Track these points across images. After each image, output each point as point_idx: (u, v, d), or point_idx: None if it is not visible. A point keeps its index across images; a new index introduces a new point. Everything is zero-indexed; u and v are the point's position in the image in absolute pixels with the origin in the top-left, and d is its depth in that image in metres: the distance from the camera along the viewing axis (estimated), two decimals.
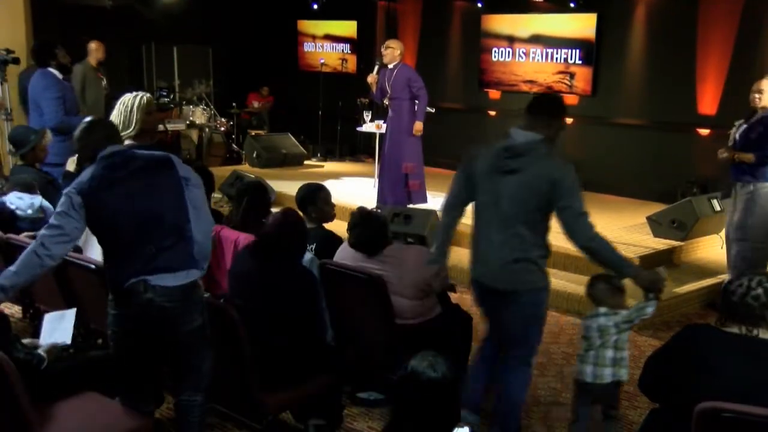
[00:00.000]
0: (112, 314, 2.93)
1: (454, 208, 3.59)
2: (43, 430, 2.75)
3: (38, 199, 4.75)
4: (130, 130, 3.86)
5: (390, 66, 7.33)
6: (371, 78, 7.45)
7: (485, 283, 3.40)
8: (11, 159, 6.06)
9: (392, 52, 7.31)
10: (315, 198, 4.21)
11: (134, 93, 3.96)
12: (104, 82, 8.07)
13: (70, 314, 3.48)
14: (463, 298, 5.57)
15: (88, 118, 3.13)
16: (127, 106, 3.89)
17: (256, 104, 11.90)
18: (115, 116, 3.88)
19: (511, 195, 3.29)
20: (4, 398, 2.56)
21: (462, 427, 2.22)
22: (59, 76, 6.12)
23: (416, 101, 7.30)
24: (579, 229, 3.24)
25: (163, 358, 3.07)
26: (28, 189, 4.77)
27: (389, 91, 7.31)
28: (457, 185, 3.56)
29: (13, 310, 4.88)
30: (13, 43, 7.55)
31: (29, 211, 4.69)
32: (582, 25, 8.89)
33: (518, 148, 3.31)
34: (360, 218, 3.89)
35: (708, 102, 8.09)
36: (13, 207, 4.69)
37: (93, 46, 8.02)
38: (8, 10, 8.58)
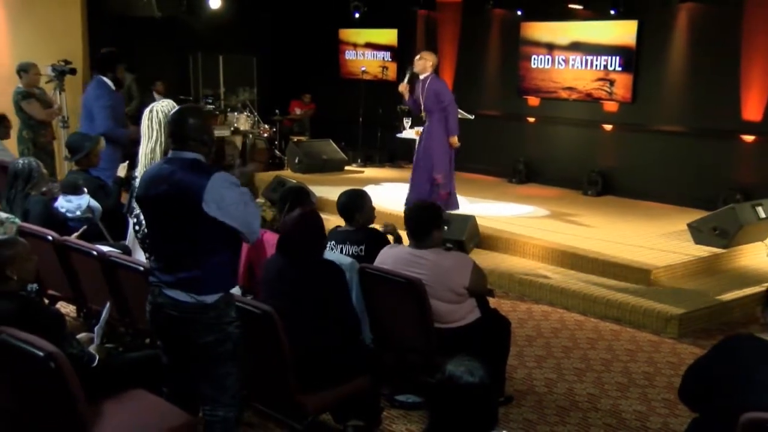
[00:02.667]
0: (147, 309, 3.04)
1: None
2: (95, 426, 2.87)
3: (85, 199, 4.97)
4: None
5: (421, 77, 7.37)
6: (402, 87, 7.48)
7: None
8: (66, 164, 6.33)
9: (424, 63, 7.33)
10: (362, 205, 4.36)
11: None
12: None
13: (103, 311, 3.57)
14: (501, 303, 5.62)
15: None
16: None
17: (298, 111, 12.11)
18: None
19: None
20: (60, 394, 2.68)
21: (500, 430, 2.25)
22: (112, 87, 6.37)
23: (445, 114, 7.31)
24: None
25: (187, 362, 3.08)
26: (74, 190, 4.98)
27: (422, 103, 7.35)
28: None
29: (68, 309, 5.09)
30: (69, 54, 7.88)
31: (78, 212, 4.91)
32: (622, 31, 8.84)
33: None
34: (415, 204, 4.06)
35: (753, 108, 7.97)
36: (63, 210, 4.91)
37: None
38: (65, 22, 8.92)
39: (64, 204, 4.95)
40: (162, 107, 3.99)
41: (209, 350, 2.92)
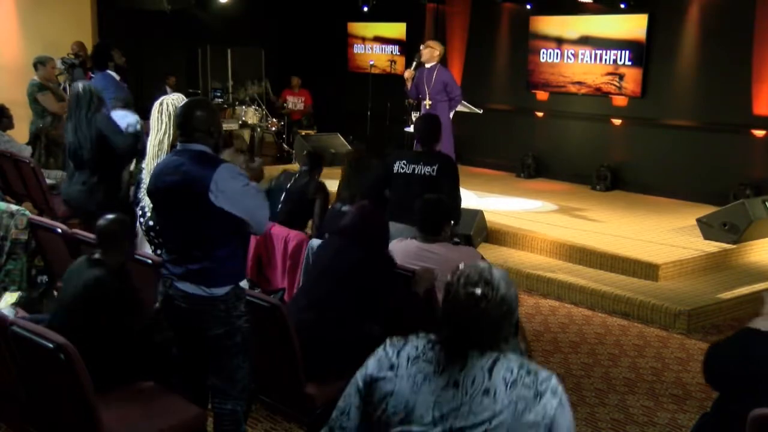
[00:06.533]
0: (158, 299, 3.08)
1: None
2: (104, 417, 2.89)
3: (136, 117, 5.45)
4: None
5: (427, 66, 7.33)
6: (408, 73, 7.43)
7: None
8: None
9: (431, 51, 7.30)
10: (439, 133, 4.83)
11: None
12: None
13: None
14: None
15: None
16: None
17: (291, 99, 11.70)
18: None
19: None
20: (70, 385, 2.70)
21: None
22: (117, 78, 6.39)
23: (452, 105, 7.31)
24: None
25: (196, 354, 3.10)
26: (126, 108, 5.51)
27: (427, 92, 7.31)
28: None
29: None
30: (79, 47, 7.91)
31: (130, 129, 5.20)
32: (632, 25, 8.79)
33: None
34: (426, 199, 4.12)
35: (764, 103, 7.91)
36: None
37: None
38: (75, 16, 8.98)
39: (120, 120, 5.21)
40: (172, 100, 4.01)
41: (219, 342, 2.94)
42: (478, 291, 1.79)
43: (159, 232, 3.43)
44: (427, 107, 7.41)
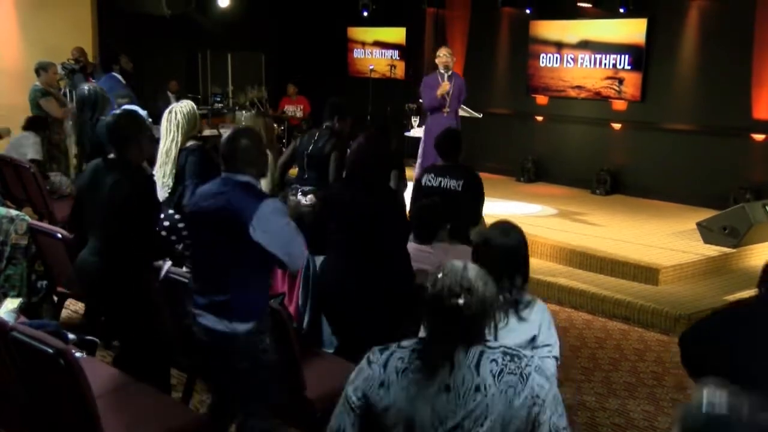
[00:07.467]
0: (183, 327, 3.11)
1: None
2: (104, 421, 2.89)
3: (144, 113, 5.44)
4: None
5: (447, 74, 7.27)
6: (447, 87, 7.13)
7: None
8: (75, 161, 6.39)
9: (452, 58, 7.24)
10: (461, 144, 4.87)
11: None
12: None
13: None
14: None
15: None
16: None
17: (289, 109, 11.73)
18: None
19: None
20: (70, 390, 2.70)
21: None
22: (122, 81, 6.42)
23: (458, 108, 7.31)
24: None
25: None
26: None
27: (448, 99, 7.23)
28: None
29: (77, 306, 5.13)
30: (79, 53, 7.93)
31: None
32: (632, 29, 8.81)
33: None
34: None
35: (764, 106, 7.92)
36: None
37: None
38: (75, 20, 8.99)
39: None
40: (181, 108, 4.11)
41: (243, 377, 2.93)
42: (461, 301, 1.83)
43: (190, 255, 3.45)
44: (445, 114, 7.30)
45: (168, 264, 3.57)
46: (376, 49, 12.20)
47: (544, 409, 1.82)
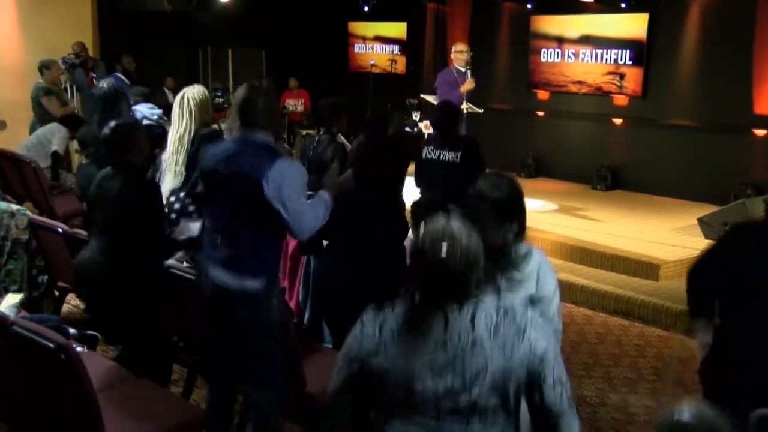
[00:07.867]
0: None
1: None
2: (105, 416, 2.90)
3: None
4: None
5: (463, 70, 7.23)
6: (472, 84, 7.07)
7: None
8: (77, 157, 6.39)
9: (469, 55, 7.17)
10: (460, 119, 5.02)
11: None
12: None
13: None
14: None
15: None
16: None
17: (290, 102, 11.79)
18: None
19: None
20: (71, 385, 2.71)
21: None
22: (126, 81, 6.42)
23: None
24: None
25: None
26: (146, 99, 5.81)
27: (464, 96, 7.20)
28: None
29: (77, 301, 5.13)
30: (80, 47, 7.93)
31: (154, 117, 5.50)
32: (633, 25, 8.79)
33: None
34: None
35: (765, 102, 7.90)
36: (140, 116, 5.48)
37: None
38: (75, 17, 8.99)
39: (142, 110, 5.46)
40: (193, 94, 4.03)
41: (247, 333, 2.92)
42: (444, 248, 1.82)
43: (205, 213, 3.43)
44: (465, 112, 7.23)
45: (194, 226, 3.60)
46: (376, 44, 12.19)
47: (546, 361, 1.83)
